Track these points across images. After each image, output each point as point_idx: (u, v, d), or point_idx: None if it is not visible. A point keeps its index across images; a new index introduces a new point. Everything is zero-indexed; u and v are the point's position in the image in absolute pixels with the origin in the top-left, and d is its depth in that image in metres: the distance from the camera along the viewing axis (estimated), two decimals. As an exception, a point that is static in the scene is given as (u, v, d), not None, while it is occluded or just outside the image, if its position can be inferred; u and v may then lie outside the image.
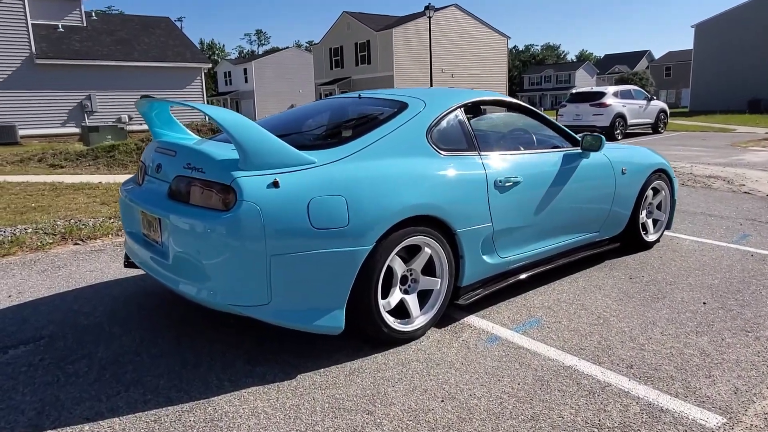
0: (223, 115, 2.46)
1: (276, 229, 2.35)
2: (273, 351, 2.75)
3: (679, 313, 3.18)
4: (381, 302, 2.69)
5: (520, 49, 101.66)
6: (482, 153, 3.17)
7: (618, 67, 71.14)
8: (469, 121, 3.25)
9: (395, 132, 2.88)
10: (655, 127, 18.44)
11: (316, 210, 2.42)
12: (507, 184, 3.16)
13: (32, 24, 20.64)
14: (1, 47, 19.87)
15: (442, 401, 2.30)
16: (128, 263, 3.23)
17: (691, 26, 36.25)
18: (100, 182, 8.64)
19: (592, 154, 3.81)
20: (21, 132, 19.81)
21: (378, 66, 37.60)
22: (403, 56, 36.71)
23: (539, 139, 3.71)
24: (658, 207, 4.56)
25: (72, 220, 5.48)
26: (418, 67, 36.86)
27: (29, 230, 5.02)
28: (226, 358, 2.68)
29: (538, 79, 74.34)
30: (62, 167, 11.13)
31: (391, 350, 2.76)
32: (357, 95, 3.56)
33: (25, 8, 20.04)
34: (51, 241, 4.80)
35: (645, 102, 17.85)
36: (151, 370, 2.58)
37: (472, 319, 3.14)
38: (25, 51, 20.35)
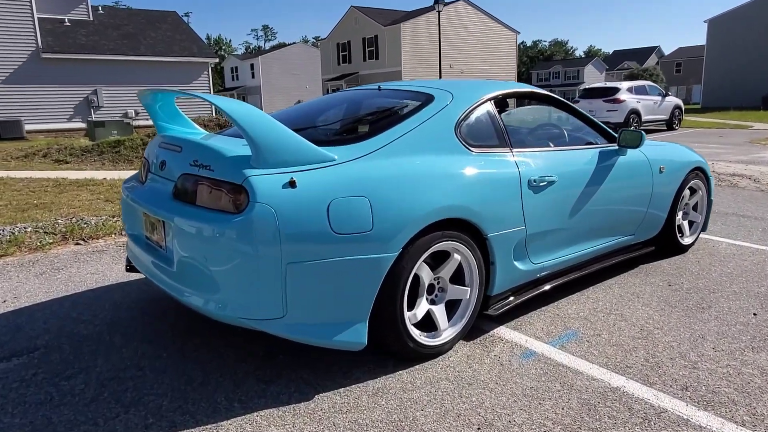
0: (233, 106, 2.21)
1: (292, 233, 2.10)
2: (287, 366, 2.50)
3: (728, 326, 2.91)
4: (407, 314, 2.44)
5: (528, 44, 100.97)
6: (514, 150, 2.91)
7: (627, 63, 70.42)
8: (499, 114, 2.99)
9: (421, 126, 2.62)
10: (670, 124, 18.07)
11: (337, 213, 2.17)
12: (541, 184, 2.90)
13: (38, 18, 20.45)
14: (7, 41, 19.70)
15: (479, 429, 2.04)
16: (130, 268, 2.99)
17: (704, 21, 35.71)
18: (104, 178, 8.42)
19: (629, 151, 3.54)
20: (27, 127, 19.66)
21: (386, 61, 37.25)
22: (411, 51, 36.34)
23: (573, 134, 3.44)
24: (694, 208, 4.28)
25: (74, 219, 5.25)
26: (427, 63, 36.49)
27: (29, 229, 4.80)
28: (236, 374, 2.44)
29: (546, 75, 73.69)
30: (67, 163, 10.93)
31: (417, 366, 2.51)
32: (377, 87, 3.30)
33: (31, 2, 19.84)
34: (51, 241, 4.58)
35: (659, 98, 17.49)
36: (154, 387, 2.34)
37: (503, 331, 2.88)
38: (31, 45, 20.17)
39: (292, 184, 2.15)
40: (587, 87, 17.79)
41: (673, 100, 18.10)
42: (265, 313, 2.17)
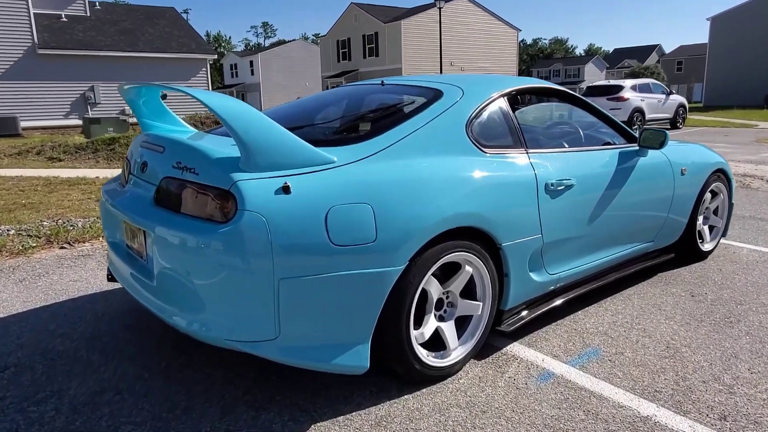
0: (220, 101, 1.96)
1: (286, 245, 1.86)
2: (281, 389, 2.26)
3: (762, 343, 2.68)
4: (413, 333, 2.20)
5: (528, 42, 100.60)
6: (530, 150, 2.67)
7: (628, 61, 70.09)
8: (513, 112, 2.75)
9: (430, 125, 2.38)
10: (674, 123, 17.82)
11: (336, 222, 1.93)
12: (559, 188, 2.66)
13: (34, 13, 20.16)
14: (3, 37, 19.42)
15: (496, 467, 1.81)
16: (111, 277, 2.75)
17: (707, 19, 35.43)
18: (97, 177, 8.18)
19: (650, 152, 3.30)
20: (23, 123, 19.36)
21: (386, 59, 36.96)
22: (411, 49, 36.05)
23: (591, 134, 3.20)
24: (715, 212, 4.04)
25: (60, 220, 5.01)
26: (427, 60, 36.21)
27: (12, 232, 4.55)
28: (224, 398, 2.20)
29: (546, 73, 73.32)
30: (60, 160, 10.68)
31: (424, 390, 2.27)
32: (380, 82, 3.06)
33: (26, -3, 19.56)
34: (34, 244, 4.34)
35: (664, 96, 17.25)
36: (132, 414, 2.10)
37: (517, 348, 2.64)
38: (27, 41, 19.88)
39: (285, 189, 1.91)
40: (590, 85, 17.54)
41: (677, 98, 17.86)
42: (255, 334, 1.93)
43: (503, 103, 2.70)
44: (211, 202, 1.93)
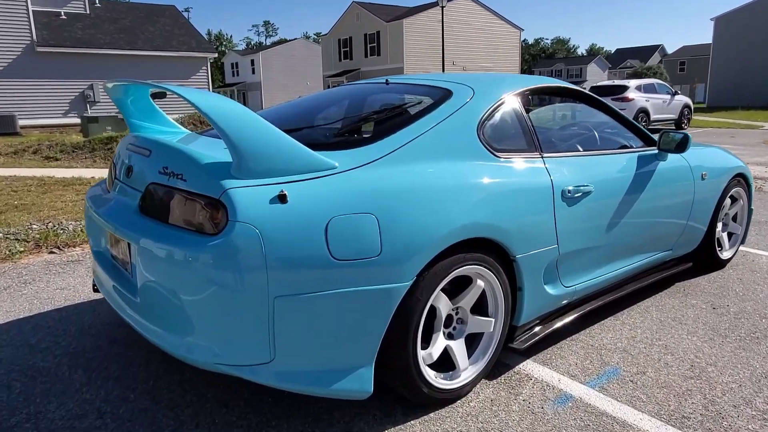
0: (209, 101, 1.78)
1: (282, 260, 1.69)
2: (278, 414, 2.08)
3: (793, 362, 2.50)
4: (421, 354, 2.03)
5: (530, 42, 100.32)
6: (545, 154, 2.49)
7: (630, 61, 69.81)
8: (527, 113, 2.57)
9: (439, 127, 2.20)
10: (679, 123, 17.61)
11: (337, 234, 1.75)
12: (576, 195, 2.48)
13: (33, 11, 19.99)
14: (1, 34, 19.25)
15: (514, 508, 1.63)
16: (97, 289, 2.57)
17: (711, 19, 35.21)
18: (92, 177, 8.00)
19: (670, 156, 3.12)
20: (21, 122, 19.18)
21: (388, 58, 36.77)
22: (413, 48, 35.85)
23: (608, 136, 3.02)
24: (734, 218, 3.86)
25: (51, 223, 4.83)
26: (429, 59, 36.01)
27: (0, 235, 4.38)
28: (216, 424, 2.02)
29: (548, 73, 73.06)
30: (57, 160, 10.51)
31: (432, 415, 2.09)
32: (384, 81, 2.88)
33: (25, -6, 19.40)
34: (22, 249, 4.16)
35: (669, 96, 17.05)
36: (115, 442, 1.92)
37: (530, 366, 2.46)
38: (25, 38, 19.71)
39: (281, 198, 1.73)
40: (594, 85, 17.33)
41: (682, 99, 17.65)
42: (247, 357, 1.75)
43: (516, 104, 2.52)
44: (200, 212, 1.76)
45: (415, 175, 1.99)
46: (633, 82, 16.47)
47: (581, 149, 2.76)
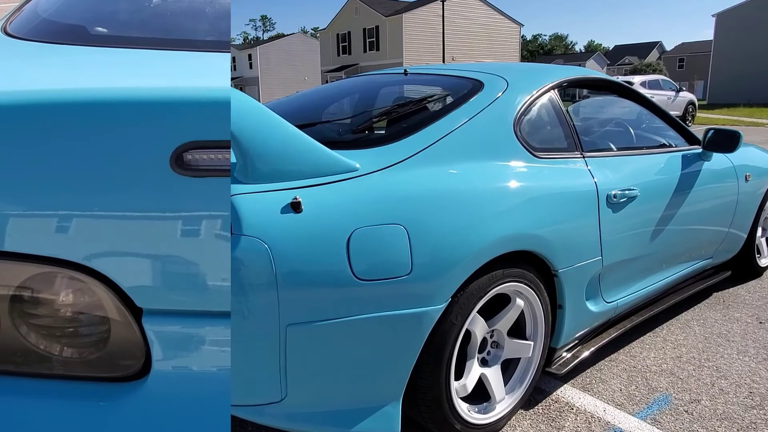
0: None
1: (296, 281, 1.41)
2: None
3: None
4: (454, 386, 1.75)
5: (528, 38, 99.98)
6: (586, 154, 2.21)
7: (629, 58, 69.51)
8: (566, 108, 2.29)
9: (471, 123, 1.91)
10: (683, 120, 17.38)
11: (360, 249, 1.47)
12: (622, 200, 2.20)
13: (26, 2, 19.64)
14: (-7, 26, 18.88)
15: None
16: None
17: (712, 15, 34.96)
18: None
19: (714, 156, 2.85)
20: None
21: (387, 53, 36.41)
22: (413, 43, 35.50)
23: (649, 134, 2.75)
24: (772, 223, 3.59)
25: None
26: (429, 55, 35.66)
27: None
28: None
29: (547, 69, 72.68)
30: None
31: (465, 454, 1.81)
32: (402, 71, 2.59)
33: (18, -15, 19.00)
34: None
35: (673, 93, 16.83)
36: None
37: (569, 393, 2.19)
38: (18, 31, 19.34)
39: (295, 206, 1.44)
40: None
41: (686, 95, 17.45)
42: (254, 396, 1.47)
43: (555, 97, 2.24)
44: (198, 223, 1.47)
45: (448, 179, 1.71)
46: (637, 79, 16.24)
47: (623, 148, 2.48)
